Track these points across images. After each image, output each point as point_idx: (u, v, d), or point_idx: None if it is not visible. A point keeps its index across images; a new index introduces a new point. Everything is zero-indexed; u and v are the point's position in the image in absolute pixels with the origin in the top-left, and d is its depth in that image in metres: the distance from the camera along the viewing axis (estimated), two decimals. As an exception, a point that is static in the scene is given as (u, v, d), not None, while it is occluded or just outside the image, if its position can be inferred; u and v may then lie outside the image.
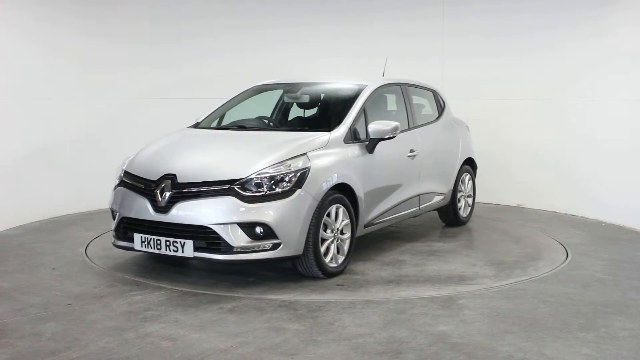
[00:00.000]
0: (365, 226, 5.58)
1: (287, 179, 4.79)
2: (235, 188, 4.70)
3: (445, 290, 4.83)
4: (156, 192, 4.86)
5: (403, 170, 6.06)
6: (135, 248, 4.98)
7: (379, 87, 6.06)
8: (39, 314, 4.28)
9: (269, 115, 6.56)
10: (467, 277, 5.18)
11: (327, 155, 5.14)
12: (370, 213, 5.61)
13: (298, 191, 4.78)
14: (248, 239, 4.67)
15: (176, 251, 4.76)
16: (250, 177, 4.74)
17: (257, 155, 4.96)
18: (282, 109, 6.66)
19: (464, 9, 8.59)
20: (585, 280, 5.18)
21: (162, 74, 8.48)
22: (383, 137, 5.51)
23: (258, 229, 4.68)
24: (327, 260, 5.05)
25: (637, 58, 7.14)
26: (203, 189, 4.75)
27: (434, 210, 7.00)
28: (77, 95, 7.74)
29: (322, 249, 4.99)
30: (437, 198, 6.70)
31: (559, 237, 6.70)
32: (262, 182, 4.74)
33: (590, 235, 6.87)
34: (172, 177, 4.86)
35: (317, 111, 6.33)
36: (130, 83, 8.22)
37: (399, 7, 8.83)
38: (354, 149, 5.43)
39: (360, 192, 5.37)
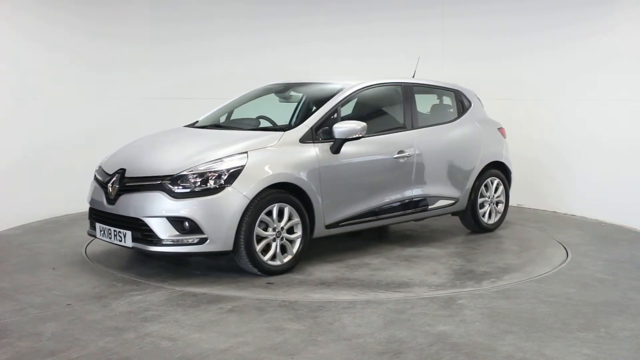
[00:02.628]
0: (328, 227, 5.52)
1: (217, 176, 4.92)
2: (166, 183, 4.92)
3: (362, 296, 4.71)
4: (108, 185, 5.22)
5: (386, 172, 5.89)
6: (97, 236, 5.39)
7: (362, 88, 6.00)
8: (39, 314, 4.28)
9: (290, 114, 6.55)
10: (405, 285, 4.96)
11: (273, 155, 5.21)
12: (336, 214, 5.54)
13: (227, 188, 4.89)
14: (176, 232, 4.87)
15: (120, 241, 5.09)
16: (181, 173, 4.93)
17: (198, 152, 5.14)
18: (303, 108, 6.64)
19: (464, 9, 8.58)
20: (585, 280, 5.18)
21: (163, 74, 8.48)
22: (348, 137, 5.47)
23: (186, 224, 4.86)
24: (265, 258, 5.09)
25: (637, 58, 7.14)
26: (140, 183, 5.06)
27: (452, 215, 6.75)
28: (77, 96, 7.74)
29: (259, 246, 5.04)
30: (444, 202, 6.42)
31: (559, 237, 6.70)
32: (191, 179, 4.91)
33: (590, 235, 6.87)
34: (122, 171, 5.22)
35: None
36: (130, 83, 8.21)
37: (399, 8, 8.83)
38: (314, 149, 5.41)
39: (314, 192, 5.33)
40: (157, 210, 4.89)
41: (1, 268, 5.41)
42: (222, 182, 4.91)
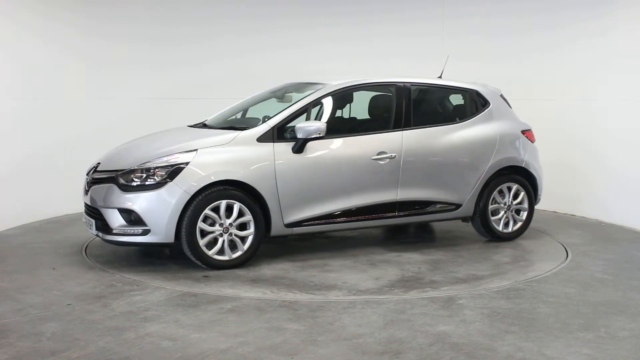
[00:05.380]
0: (289, 226, 5.54)
1: (161, 172, 5.21)
2: (118, 177, 5.29)
3: (270, 295, 4.71)
4: (87, 178, 5.71)
5: (361, 173, 5.75)
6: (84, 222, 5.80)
7: (344, 88, 5.98)
8: (39, 314, 4.28)
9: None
10: (327, 288, 4.89)
11: (223, 153, 5.39)
12: (297, 214, 5.54)
13: (169, 184, 5.17)
14: (124, 223, 5.24)
15: (90, 228, 5.54)
16: (131, 168, 5.29)
17: (156, 149, 5.45)
18: (321, 109, 6.63)
19: (464, 10, 8.59)
20: (585, 280, 5.18)
21: (163, 74, 8.47)
22: (309, 137, 5.51)
23: (132, 215, 5.19)
24: (210, 252, 5.28)
25: (637, 59, 7.14)
26: (102, 176, 5.47)
27: (462, 221, 6.48)
28: (77, 95, 7.74)
29: (203, 241, 5.24)
30: (440, 207, 6.13)
31: (559, 237, 6.70)
32: (139, 173, 5.24)
33: (590, 235, 6.87)
34: (97, 165, 5.67)
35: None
36: (130, 83, 8.21)
37: (399, 9, 8.83)
38: (272, 148, 5.48)
39: (267, 190, 5.40)
40: (109, 202, 5.28)
41: (1, 268, 5.41)
42: (166, 177, 5.18)
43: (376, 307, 4.46)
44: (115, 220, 5.25)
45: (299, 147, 5.53)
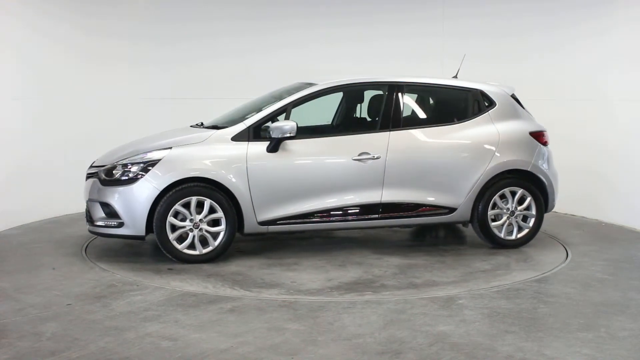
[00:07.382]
0: (263, 224, 5.59)
1: (135, 168, 5.47)
2: (100, 172, 5.62)
3: (212, 289, 4.80)
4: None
5: (340, 174, 5.71)
6: None
7: (330, 88, 6.00)
8: (39, 314, 4.28)
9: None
10: (274, 286, 4.92)
11: (197, 151, 5.58)
12: (271, 212, 5.59)
13: (141, 180, 5.42)
14: (104, 215, 5.56)
15: (85, 218, 5.89)
16: (112, 164, 5.60)
17: (141, 147, 5.70)
18: (344, 108, 6.71)
19: (464, 11, 8.58)
20: (585, 280, 5.18)
21: (163, 74, 8.45)
22: (283, 136, 5.54)
23: (110, 208, 5.49)
24: (180, 246, 5.47)
25: (637, 59, 7.15)
26: (91, 172, 5.82)
27: (462, 225, 6.34)
28: (77, 95, 7.73)
29: (173, 235, 5.44)
30: (431, 210, 5.90)
31: (559, 237, 6.70)
32: (116, 169, 5.53)
33: (590, 235, 6.87)
34: (94, 161, 5.99)
35: None
36: (131, 83, 8.20)
37: (399, 10, 8.83)
38: (246, 147, 5.57)
39: (238, 188, 5.49)
40: (93, 195, 5.63)
41: (1, 268, 5.41)
42: (138, 173, 5.44)
43: (376, 307, 4.46)
44: (97, 212, 5.58)
45: (274, 146, 5.58)
